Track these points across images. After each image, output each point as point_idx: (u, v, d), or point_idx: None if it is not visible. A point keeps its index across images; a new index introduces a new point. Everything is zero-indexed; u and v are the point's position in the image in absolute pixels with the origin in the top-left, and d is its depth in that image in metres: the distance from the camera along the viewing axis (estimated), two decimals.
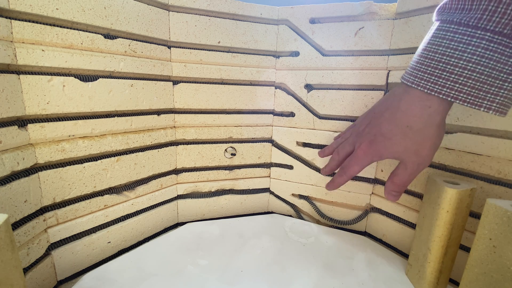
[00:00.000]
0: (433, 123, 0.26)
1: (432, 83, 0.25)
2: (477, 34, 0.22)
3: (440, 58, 0.24)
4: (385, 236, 0.43)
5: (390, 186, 0.31)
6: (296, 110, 0.47)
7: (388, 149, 0.29)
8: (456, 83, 0.24)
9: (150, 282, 0.33)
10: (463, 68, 0.23)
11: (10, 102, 0.27)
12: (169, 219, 0.46)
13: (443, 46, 0.24)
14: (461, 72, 0.23)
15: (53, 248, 0.33)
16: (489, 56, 0.22)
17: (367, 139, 0.31)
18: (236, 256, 0.38)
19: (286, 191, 0.51)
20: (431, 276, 0.32)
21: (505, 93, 0.23)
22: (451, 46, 0.24)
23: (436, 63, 0.24)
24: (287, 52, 0.46)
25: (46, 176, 0.31)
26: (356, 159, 0.32)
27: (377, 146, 0.30)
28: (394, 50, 0.39)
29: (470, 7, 0.22)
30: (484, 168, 0.32)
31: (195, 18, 0.41)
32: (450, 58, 0.24)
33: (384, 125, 0.29)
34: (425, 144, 0.27)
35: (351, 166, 0.32)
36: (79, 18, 0.31)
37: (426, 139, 0.27)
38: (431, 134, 0.27)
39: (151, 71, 0.39)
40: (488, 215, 0.25)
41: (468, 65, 0.23)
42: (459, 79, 0.23)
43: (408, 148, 0.28)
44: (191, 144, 0.46)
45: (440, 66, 0.24)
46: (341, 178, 0.34)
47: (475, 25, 0.22)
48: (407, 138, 0.28)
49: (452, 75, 0.24)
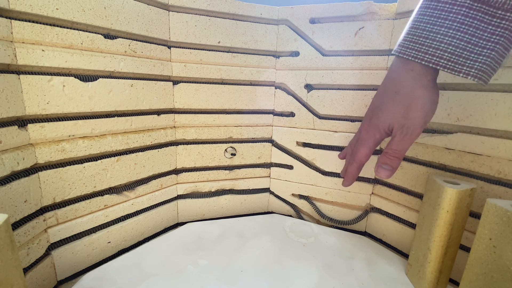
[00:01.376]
0: (419, 86, 0.27)
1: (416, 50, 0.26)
2: (458, 2, 0.23)
3: (424, 26, 0.25)
4: (385, 236, 0.43)
5: (380, 159, 0.30)
6: (296, 110, 0.47)
7: (381, 118, 0.29)
8: (437, 49, 0.24)
9: (150, 282, 0.33)
10: (444, 35, 0.24)
11: (10, 102, 0.27)
12: (169, 219, 0.46)
13: (426, 15, 0.25)
14: (442, 39, 0.24)
15: (53, 248, 0.33)
16: (469, 23, 0.23)
17: (367, 116, 0.31)
18: (236, 256, 0.38)
19: (286, 191, 0.51)
20: (431, 276, 0.32)
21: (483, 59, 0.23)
22: (434, 15, 0.24)
23: (420, 31, 0.25)
24: (287, 52, 0.46)
25: (46, 176, 0.31)
26: (360, 140, 0.31)
27: (373, 120, 0.30)
28: None
29: None
30: (484, 168, 0.32)
31: (195, 18, 0.41)
32: (432, 26, 0.24)
33: (378, 97, 0.30)
34: (413, 106, 0.27)
35: (357, 149, 0.31)
36: (79, 18, 0.31)
37: (413, 100, 0.27)
38: (418, 95, 0.27)
39: (151, 71, 0.39)
40: (488, 215, 0.25)
41: (448, 31, 0.24)
42: (440, 46, 0.24)
43: (396, 113, 0.28)
44: (191, 144, 0.46)
45: (423, 34, 0.25)
46: (352, 167, 0.33)
47: None
48: (395, 103, 0.28)
49: (434, 42, 0.24)
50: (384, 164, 0.29)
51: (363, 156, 0.31)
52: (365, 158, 0.31)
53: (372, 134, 0.30)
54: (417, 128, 0.27)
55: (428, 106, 0.27)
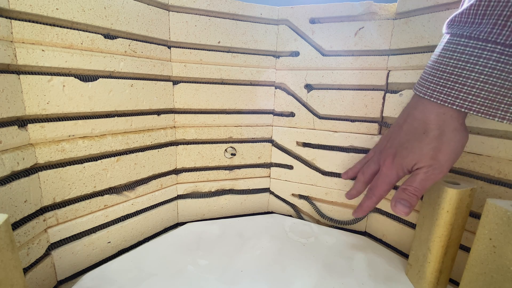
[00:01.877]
0: (449, 128, 0.27)
1: (445, 94, 0.25)
2: (487, 47, 0.23)
3: (452, 70, 0.25)
4: (385, 236, 0.43)
5: (399, 194, 0.29)
6: (296, 110, 0.47)
7: (406, 158, 0.29)
8: (469, 94, 0.24)
9: (150, 282, 0.33)
10: (475, 80, 0.24)
11: (10, 102, 0.27)
12: (169, 219, 0.46)
13: (454, 58, 0.25)
14: (474, 84, 0.24)
15: (53, 248, 0.33)
16: (501, 68, 0.23)
17: (389, 153, 0.31)
18: (236, 256, 0.38)
19: (286, 191, 0.51)
20: (431, 276, 0.32)
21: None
22: (462, 59, 0.24)
23: (448, 75, 0.25)
24: (287, 52, 0.46)
25: (46, 176, 0.31)
26: (382, 177, 0.31)
27: (398, 158, 0.30)
28: (394, 50, 0.39)
29: (480, 21, 0.23)
30: (484, 168, 0.32)
31: (195, 18, 0.41)
32: (461, 70, 0.24)
33: (402, 136, 0.30)
34: (443, 149, 0.27)
35: (379, 185, 0.31)
36: (79, 18, 0.31)
37: (444, 144, 0.27)
38: (449, 138, 0.27)
39: (151, 71, 0.39)
40: (488, 215, 0.25)
41: (480, 77, 0.23)
42: (471, 91, 0.24)
43: (423, 154, 0.28)
44: (191, 144, 0.46)
45: (452, 78, 0.25)
46: (370, 201, 0.33)
47: (485, 39, 0.23)
48: (423, 144, 0.28)
49: (464, 87, 0.24)
50: (403, 200, 0.29)
51: (384, 192, 0.31)
52: (385, 193, 0.32)
53: (396, 172, 0.30)
54: (445, 169, 0.27)
55: (459, 149, 0.27)
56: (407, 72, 0.38)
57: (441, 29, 0.34)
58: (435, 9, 0.34)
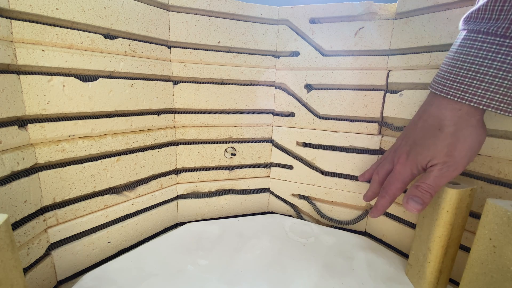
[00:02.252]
0: (466, 125, 0.26)
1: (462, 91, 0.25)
2: (506, 43, 0.22)
3: (469, 67, 0.24)
4: (385, 236, 0.43)
5: (412, 191, 0.29)
6: (296, 110, 0.47)
7: (421, 154, 0.28)
8: (487, 91, 0.24)
9: (150, 282, 0.33)
10: (494, 76, 0.23)
11: (10, 102, 0.27)
12: (169, 219, 0.46)
13: (471, 55, 0.24)
14: (492, 80, 0.23)
15: (53, 248, 0.33)
16: None
17: (404, 151, 0.30)
18: (236, 256, 0.38)
19: (286, 191, 0.51)
20: (431, 276, 0.32)
21: None
22: (480, 55, 0.24)
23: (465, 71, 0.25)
24: (287, 52, 0.46)
25: (46, 176, 0.31)
26: (395, 174, 0.30)
27: (412, 155, 0.29)
28: (394, 50, 0.39)
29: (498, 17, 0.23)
30: (484, 168, 0.32)
31: (195, 18, 0.41)
32: (479, 67, 0.24)
33: (417, 133, 0.29)
34: (458, 146, 0.26)
35: (392, 183, 0.31)
36: (79, 18, 0.31)
37: (460, 140, 0.26)
38: (466, 135, 0.26)
39: (151, 71, 0.39)
40: (488, 215, 0.25)
41: (498, 73, 0.23)
42: (490, 87, 0.24)
43: (438, 151, 0.27)
44: (191, 144, 0.46)
45: (469, 75, 0.24)
46: (384, 200, 0.32)
47: (503, 34, 0.22)
48: (438, 141, 0.27)
49: (482, 84, 0.24)
50: (416, 197, 0.28)
51: (398, 190, 0.30)
52: (399, 192, 0.31)
53: (410, 169, 0.29)
54: (460, 167, 0.27)
55: (477, 146, 0.26)
56: (407, 72, 0.38)
57: (441, 29, 0.34)
58: (435, 9, 0.35)
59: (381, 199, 0.32)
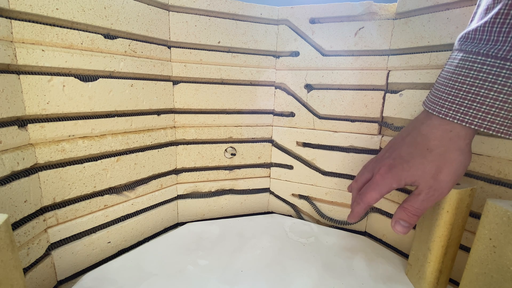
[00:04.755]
0: (454, 148, 0.26)
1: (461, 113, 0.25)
2: (506, 66, 0.22)
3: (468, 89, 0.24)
4: (385, 236, 0.43)
5: (399, 214, 0.29)
6: (296, 110, 0.47)
7: (406, 172, 0.28)
8: (488, 114, 0.24)
9: (150, 282, 0.33)
10: (494, 99, 0.23)
11: (10, 102, 0.27)
12: (169, 219, 0.46)
13: (470, 77, 0.24)
14: (493, 103, 0.23)
15: (53, 248, 0.33)
16: None
17: (386, 163, 0.30)
18: (236, 256, 0.38)
19: (286, 191, 0.51)
20: (431, 276, 0.32)
21: None
22: (479, 78, 0.23)
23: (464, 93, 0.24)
24: (287, 52, 0.46)
25: (46, 176, 0.31)
26: (373, 184, 0.30)
27: (395, 169, 0.29)
28: (394, 50, 0.39)
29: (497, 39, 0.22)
30: (484, 168, 0.32)
31: (195, 18, 0.41)
32: (479, 89, 0.23)
33: (404, 148, 0.29)
34: (445, 169, 0.26)
35: (368, 192, 0.31)
36: (79, 18, 0.31)
37: (446, 163, 0.26)
38: (452, 158, 0.26)
39: (151, 71, 0.39)
40: (488, 215, 0.25)
41: (499, 96, 0.23)
42: (490, 110, 0.23)
43: (426, 172, 0.27)
44: (191, 144, 0.46)
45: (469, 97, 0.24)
46: (359, 207, 0.32)
47: (504, 57, 0.22)
48: (426, 161, 0.27)
49: (483, 106, 0.24)
50: (403, 221, 0.29)
51: (373, 199, 0.30)
52: (373, 201, 0.30)
53: (389, 182, 0.29)
54: (445, 191, 0.27)
55: (461, 171, 0.26)
56: (407, 72, 0.38)
57: (441, 29, 0.34)
58: (435, 9, 0.35)
59: (357, 206, 0.32)
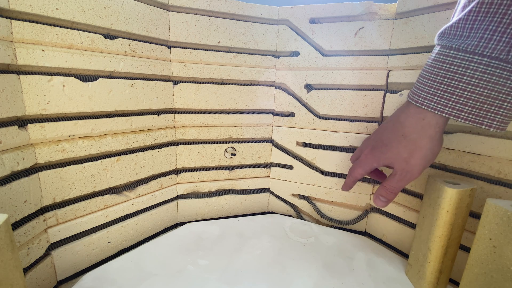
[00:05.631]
0: (425, 135, 0.28)
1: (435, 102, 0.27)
2: (475, 59, 0.24)
3: (442, 80, 0.26)
4: (385, 236, 0.43)
5: (379, 191, 0.33)
6: (296, 110, 0.47)
7: (384, 154, 0.32)
8: (457, 103, 0.26)
9: (150, 282, 0.33)
10: (463, 90, 0.25)
11: (10, 102, 0.27)
12: (169, 219, 0.46)
13: (444, 69, 0.26)
14: (462, 93, 0.25)
15: (53, 248, 0.33)
16: (487, 79, 0.24)
17: (370, 145, 0.34)
18: (236, 256, 0.38)
19: (286, 191, 0.51)
20: (431, 276, 0.32)
21: (504, 111, 0.25)
22: (452, 70, 0.26)
23: (437, 84, 0.27)
24: (287, 52, 0.46)
25: (46, 176, 0.31)
26: (359, 162, 0.35)
27: (376, 151, 0.33)
28: (394, 50, 0.39)
29: (468, 35, 0.25)
30: (484, 168, 0.32)
31: (195, 18, 0.41)
32: (450, 80, 0.26)
33: (385, 133, 0.32)
34: (415, 154, 0.29)
35: (356, 168, 0.35)
36: (79, 18, 0.31)
37: (417, 149, 0.29)
38: (422, 145, 0.29)
39: (151, 71, 0.39)
40: (488, 215, 0.25)
41: (467, 87, 0.25)
42: (459, 99, 0.26)
43: (400, 155, 0.30)
44: (191, 144, 0.46)
45: (442, 87, 0.26)
46: (349, 179, 0.37)
47: (472, 51, 0.24)
48: (401, 146, 0.30)
49: (453, 96, 0.26)
50: (382, 197, 0.33)
51: (359, 174, 0.35)
52: (359, 176, 0.35)
53: (371, 162, 0.33)
54: (415, 173, 0.30)
55: (429, 157, 0.29)
56: (407, 72, 0.38)
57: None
58: (435, 9, 0.35)
59: (347, 178, 0.37)
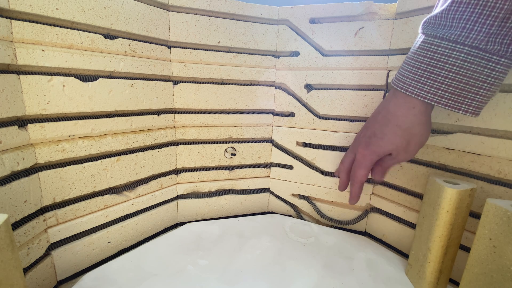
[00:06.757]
0: (419, 122, 0.30)
1: (418, 88, 0.28)
2: (456, 48, 0.26)
3: (425, 67, 0.28)
4: (385, 236, 0.43)
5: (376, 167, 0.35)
6: (296, 110, 0.47)
7: (382, 147, 0.32)
8: (438, 89, 0.27)
9: (150, 282, 0.33)
10: (445, 77, 0.27)
11: (10, 102, 0.27)
12: (169, 219, 0.46)
13: (427, 57, 0.27)
14: (443, 80, 0.27)
15: (53, 248, 0.33)
16: (467, 67, 0.26)
17: (363, 142, 0.34)
18: (236, 256, 0.38)
19: (286, 191, 0.51)
20: (431, 276, 0.32)
21: (480, 98, 0.26)
22: (435, 58, 0.27)
23: (422, 71, 0.28)
24: (287, 52, 0.46)
25: (46, 176, 0.31)
26: (357, 163, 0.34)
27: (372, 146, 0.33)
28: (394, 50, 0.39)
29: (451, 24, 0.26)
30: (484, 168, 0.32)
31: (195, 18, 0.41)
32: (433, 68, 0.27)
33: (376, 126, 0.33)
34: (412, 141, 0.31)
35: (356, 171, 0.35)
36: (79, 18, 0.31)
37: (413, 136, 0.30)
38: (417, 131, 0.30)
39: (151, 71, 0.39)
40: (488, 215, 0.25)
41: (449, 74, 0.26)
42: (441, 86, 0.27)
43: (399, 146, 0.31)
44: (191, 144, 0.46)
45: (425, 74, 0.28)
46: (354, 188, 0.36)
47: (455, 40, 0.25)
48: (397, 136, 0.31)
49: (435, 83, 0.27)
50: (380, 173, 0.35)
51: (362, 176, 0.34)
52: (364, 178, 0.35)
53: (369, 158, 0.33)
54: (411, 156, 0.32)
55: (423, 141, 0.31)
56: None
57: None
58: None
59: (352, 187, 0.37)
